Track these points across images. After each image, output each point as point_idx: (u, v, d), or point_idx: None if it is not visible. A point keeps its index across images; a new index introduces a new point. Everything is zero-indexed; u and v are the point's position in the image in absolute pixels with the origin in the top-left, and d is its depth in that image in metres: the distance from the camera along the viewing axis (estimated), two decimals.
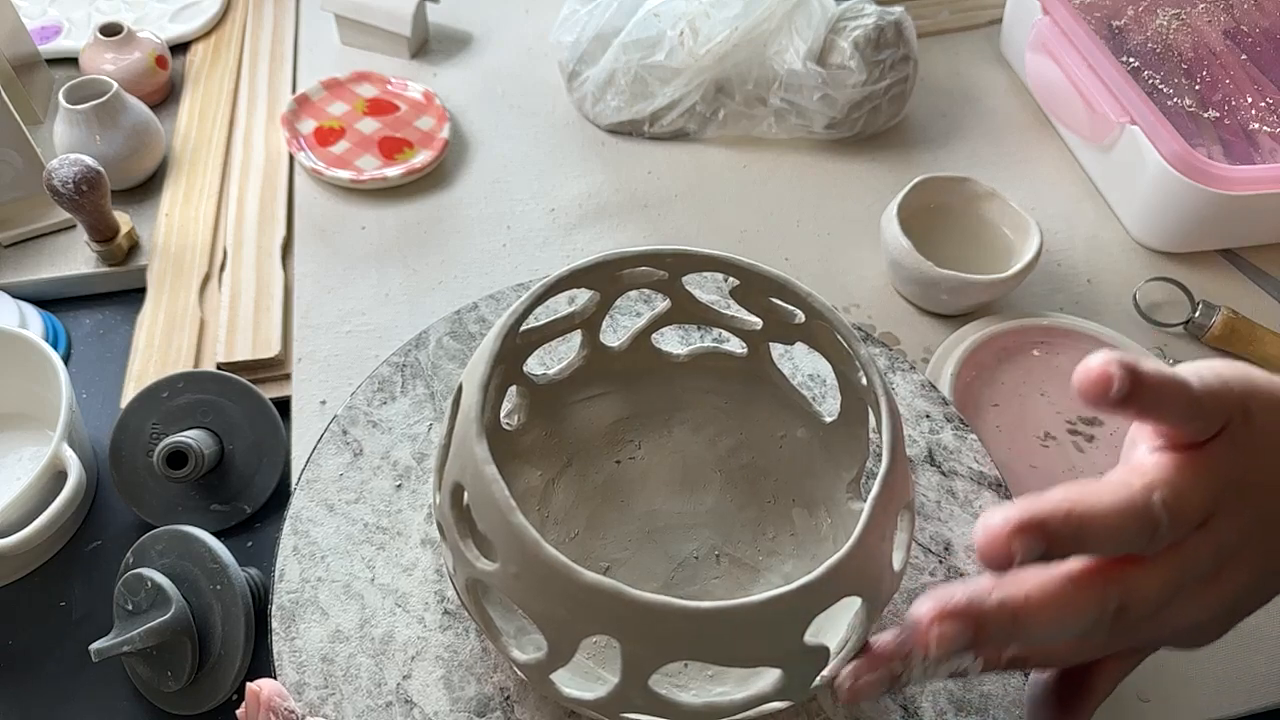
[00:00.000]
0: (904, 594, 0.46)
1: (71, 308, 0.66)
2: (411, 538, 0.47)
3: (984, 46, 0.87)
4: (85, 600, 0.52)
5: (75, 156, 0.60)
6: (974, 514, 0.49)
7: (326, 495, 0.48)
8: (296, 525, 0.47)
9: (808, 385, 0.54)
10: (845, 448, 0.47)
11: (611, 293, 0.46)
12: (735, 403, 0.51)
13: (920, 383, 0.55)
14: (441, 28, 0.86)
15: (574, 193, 0.72)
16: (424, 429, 0.51)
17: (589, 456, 0.51)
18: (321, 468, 0.49)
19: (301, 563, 0.46)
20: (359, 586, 0.45)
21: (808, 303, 0.42)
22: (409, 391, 0.53)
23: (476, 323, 0.56)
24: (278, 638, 0.43)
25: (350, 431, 0.51)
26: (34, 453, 0.57)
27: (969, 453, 0.52)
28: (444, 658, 0.43)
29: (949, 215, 0.66)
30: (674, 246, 0.43)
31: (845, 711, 0.43)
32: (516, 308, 0.41)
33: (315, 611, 0.44)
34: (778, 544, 0.48)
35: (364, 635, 0.44)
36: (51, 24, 0.84)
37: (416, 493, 0.49)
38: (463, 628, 0.44)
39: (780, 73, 0.71)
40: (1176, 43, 0.77)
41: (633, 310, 0.57)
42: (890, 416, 0.37)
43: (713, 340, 0.55)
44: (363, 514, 0.48)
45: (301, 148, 0.72)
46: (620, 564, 0.48)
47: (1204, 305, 0.63)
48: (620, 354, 0.50)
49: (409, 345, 0.55)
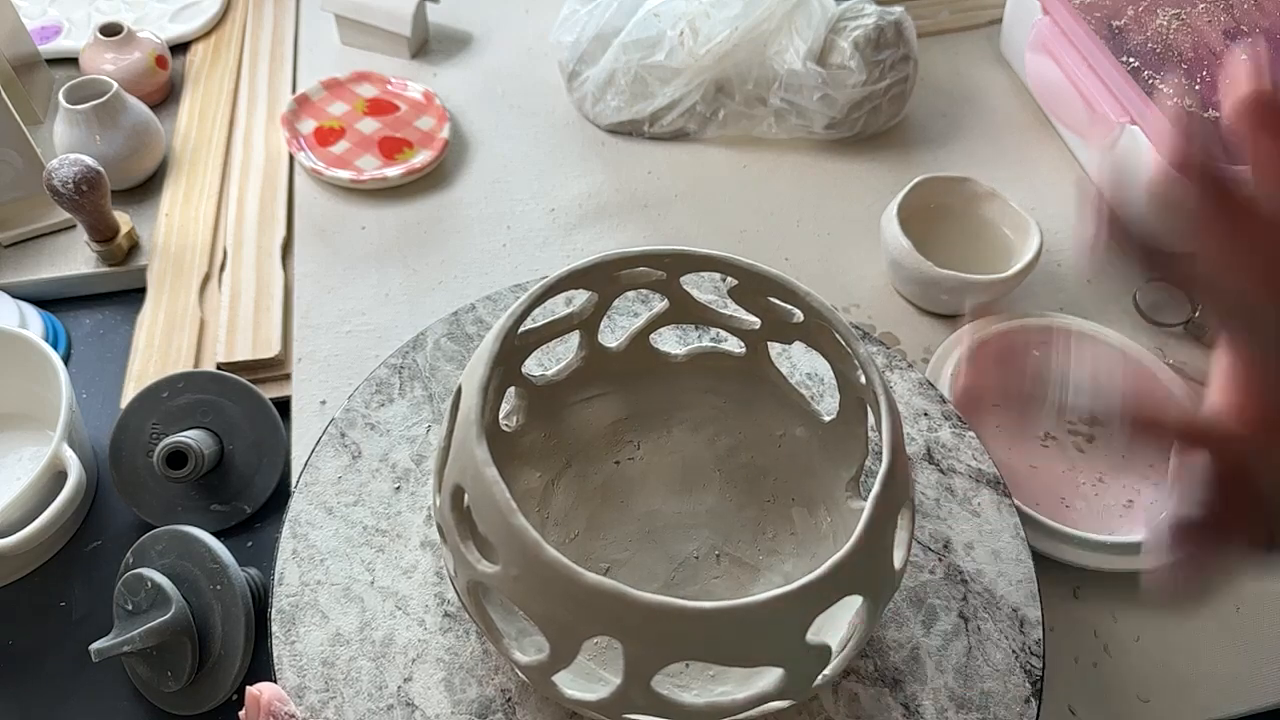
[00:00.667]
0: (904, 592, 0.46)
1: (71, 308, 0.66)
2: (411, 540, 0.47)
3: (984, 46, 0.87)
4: (85, 600, 0.52)
5: (75, 156, 0.60)
6: (973, 511, 0.49)
7: (325, 498, 0.48)
8: (295, 528, 0.47)
9: (806, 384, 0.54)
10: (844, 446, 0.47)
11: (610, 293, 0.46)
12: (734, 402, 0.51)
13: (918, 381, 0.55)
14: (441, 28, 0.86)
15: (574, 193, 0.72)
16: (422, 431, 0.51)
17: (588, 457, 0.51)
18: (320, 470, 0.49)
19: (301, 566, 0.46)
20: (359, 589, 0.45)
21: (806, 302, 0.42)
22: (407, 393, 0.53)
23: (474, 324, 0.56)
24: (278, 641, 0.43)
25: (348, 434, 0.51)
26: (34, 453, 0.57)
27: (967, 450, 0.52)
28: (445, 660, 0.43)
29: (949, 215, 0.66)
30: (672, 247, 0.43)
31: (846, 709, 0.43)
32: (515, 309, 0.40)
33: (315, 615, 0.44)
34: (778, 543, 0.49)
35: (364, 638, 0.44)
36: (51, 24, 0.84)
37: (415, 495, 0.49)
38: (463, 630, 0.44)
39: (780, 73, 0.71)
40: (1176, 43, 0.77)
41: (630, 311, 0.57)
42: (890, 415, 0.37)
43: (710, 340, 0.55)
44: (362, 516, 0.48)
45: (301, 148, 0.72)
46: (620, 565, 0.48)
47: (1204, 306, 0.63)
48: (618, 354, 0.50)
49: (406, 347, 0.55)
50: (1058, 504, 0.54)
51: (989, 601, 0.46)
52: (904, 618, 0.45)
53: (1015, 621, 0.45)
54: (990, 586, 0.47)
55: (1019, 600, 0.46)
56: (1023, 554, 0.48)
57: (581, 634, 0.34)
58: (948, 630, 0.45)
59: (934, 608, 0.46)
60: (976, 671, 0.44)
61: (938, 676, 0.43)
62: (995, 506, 0.50)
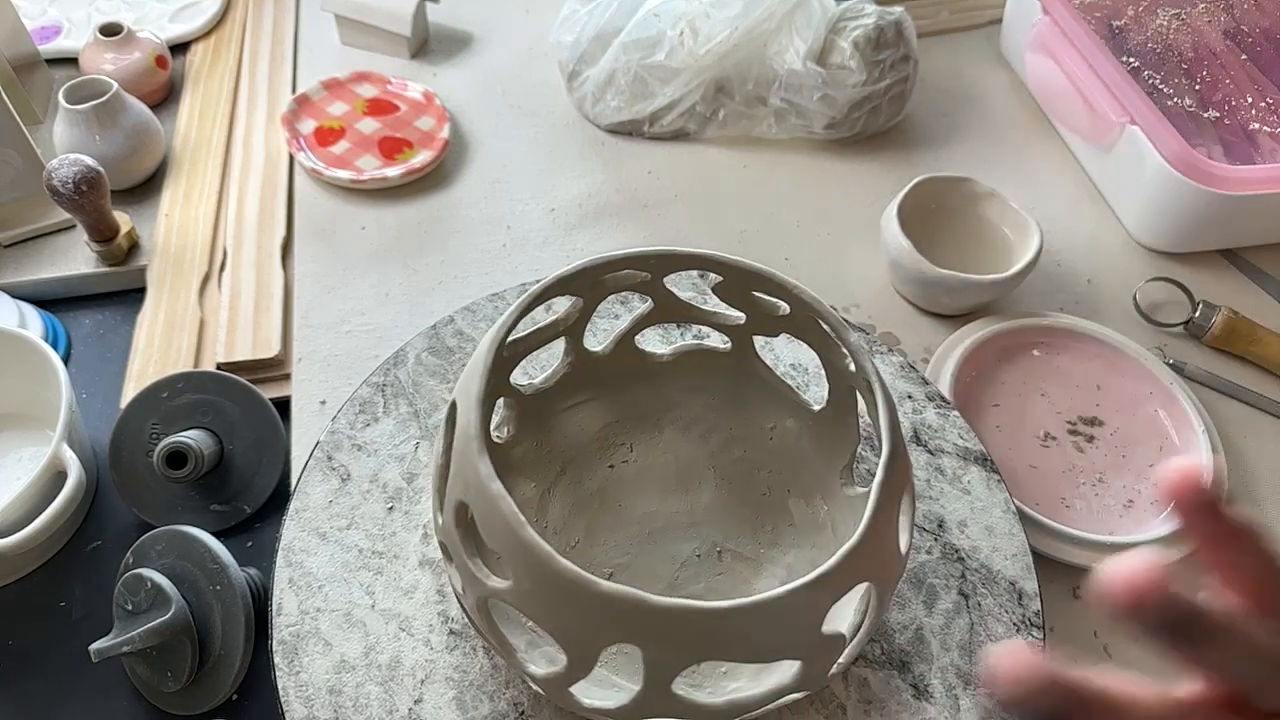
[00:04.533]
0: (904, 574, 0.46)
1: (71, 308, 0.66)
2: (409, 560, 0.46)
3: (984, 46, 0.87)
4: (85, 600, 0.52)
5: (75, 156, 0.60)
6: (963, 489, 0.50)
7: (317, 523, 0.47)
8: (289, 556, 0.46)
9: (790, 375, 0.54)
10: (835, 435, 0.47)
11: (594, 298, 0.46)
12: (722, 398, 0.51)
13: (899, 364, 0.56)
14: (441, 28, 0.86)
15: (574, 193, 0.72)
16: (411, 449, 0.50)
17: (582, 463, 0.51)
18: (309, 496, 0.48)
19: (299, 594, 0.45)
20: (360, 614, 0.44)
21: (794, 294, 0.42)
22: (392, 411, 0.52)
23: (454, 336, 0.55)
24: (282, 673, 0.42)
25: (335, 456, 0.50)
26: (34, 453, 0.57)
27: (953, 430, 0.52)
28: (454, 678, 0.43)
29: (949, 215, 0.66)
30: (657, 248, 0.43)
31: (857, 695, 0.43)
32: (505, 319, 0.40)
33: (318, 643, 0.43)
34: (777, 535, 0.49)
35: (370, 663, 0.43)
36: (51, 24, 0.84)
37: (409, 514, 0.48)
38: (470, 647, 0.44)
39: (780, 73, 0.71)
40: (1176, 43, 0.77)
41: (610, 313, 0.56)
42: (886, 401, 0.38)
43: (694, 337, 0.55)
44: (356, 539, 0.47)
45: (301, 148, 0.72)
46: (623, 569, 0.48)
47: (1204, 305, 0.63)
48: (604, 358, 0.50)
49: (387, 364, 0.54)
50: (1058, 504, 0.54)
51: (987, 577, 0.47)
52: (906, 599, 0.46)
53: (1014, 595, 0.46)
54: (986, 562, 0.47)
55: (1015, 573, 0.47)
56: (1014, 528, 0.49)
57: (600, 643, 0.33)
58: (949, 609, 0.46)
59: (934, 587, 0.46)
60: (981, 647, 0.44)
61: (944, 655, 0.44)
62: (984, 483, 0.50)
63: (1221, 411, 0.60)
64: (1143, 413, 0.59)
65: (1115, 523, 0.54)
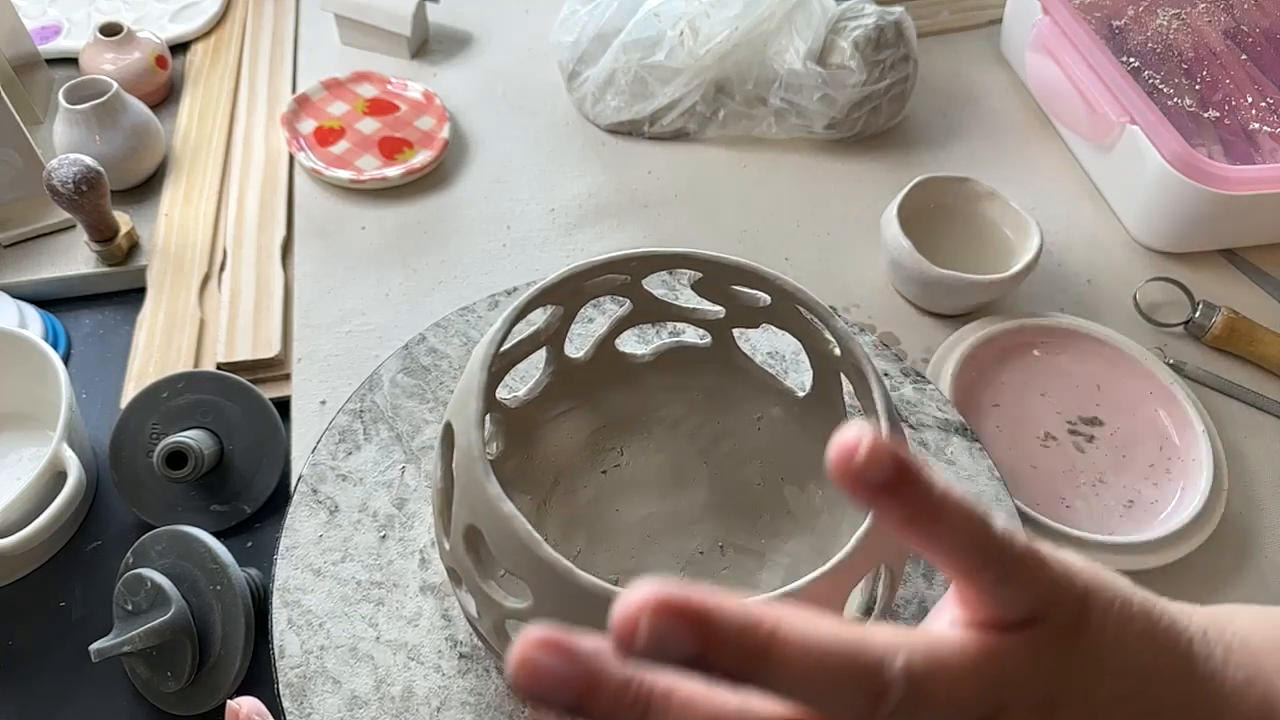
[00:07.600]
0: None
1: (71, 308, 0.65)
2: (409, 587, 0.46)
3: (984, 46, 0.87)
4: (85, 600, 0.52)
5: (75, 156, 0.60)
6: (948, 460, 0.50)
7: (310, 560, 0.46)
8: (285, 596, 0.45)
9: (769, 363, 0.54)
10: (821, 419, 0.47)
11: (574, 305, 0.45)
12: (706, 393, 0.51)
13: (870, 343, 0.56)
14: (441, 28, 0.86)
15: (574, 193, 0.72)
16: (397, 474, 0.50)
17: (575, 472, 0.50)
18: (298, 533, 0.47)
19: (300, 634, 0.44)
20: (366, 647, 0.44)
21: (775, 285, 0.42)
22: (373, 437, 0.51)
23: (428, 354, 0.54)
24: (292, 717, 0.41)
25: (320, 489, 0.49)
26: (34, 453, 0.56)
27: (930, 403, 0.53)
28: (470, 702, 0.42)
29: (949, 215, 0.66)
30: (636, 250, 0.43)
31: None
32: (493, 335, 0.39)
33: (326, 682, 0.42)
34: (777, 525, 0.48)
35: (382, 696, 0.42)
36: (51, 24, 0.84)
37: (404, 540, 0.47)
38: (482, 669, 0.43)
39: (780, 73, 0.71)
40: (1176, 43, 0.77)
41: (584, 316, 0.55)
42: (878, 382, 0.38)
43: (669, 335, 0.55)
44: (353, 572, 0.46)
45: (301, 148, 0.72)
46: (629, 573, 0.47)
47: (1204, 305, 0.63)
48: (586, 364, 0.50)
49: (362, 389, 0.53)
50: (1058, 504, 0.54)
51: None
52: (906, 574, 0.46)
53: None
54: None
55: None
56: (1001, 493, 0.49)
57: None
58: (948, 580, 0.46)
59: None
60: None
61: None
62: (967, 452, 0.50)
63: (1221, 411, 0.60)
64: (1143, 413, 0.59)
65: (1115, 523, 0.54)
